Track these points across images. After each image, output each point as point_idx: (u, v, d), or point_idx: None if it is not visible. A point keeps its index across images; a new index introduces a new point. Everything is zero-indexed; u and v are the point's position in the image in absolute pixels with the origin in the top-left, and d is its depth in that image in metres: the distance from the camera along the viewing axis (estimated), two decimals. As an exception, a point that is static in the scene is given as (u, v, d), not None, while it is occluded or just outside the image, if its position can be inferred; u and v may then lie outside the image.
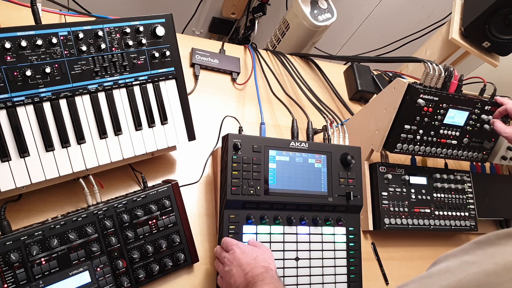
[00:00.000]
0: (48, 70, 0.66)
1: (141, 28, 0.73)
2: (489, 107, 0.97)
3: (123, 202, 0.71)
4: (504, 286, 0.33)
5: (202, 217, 0.86)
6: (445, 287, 0.37)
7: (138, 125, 0.76)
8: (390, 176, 0.98)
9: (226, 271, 0.70)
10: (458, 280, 0.36)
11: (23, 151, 0.66)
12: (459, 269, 0.37)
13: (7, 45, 0.62)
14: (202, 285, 0.80)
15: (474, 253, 0.38)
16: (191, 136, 0.81)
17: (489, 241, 0.37)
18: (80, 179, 0.73)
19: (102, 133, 0.72)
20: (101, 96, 0.72)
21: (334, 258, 0.86)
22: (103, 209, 0.70)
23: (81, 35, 0.68)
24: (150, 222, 0.74)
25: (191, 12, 1.67)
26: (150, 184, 0.82)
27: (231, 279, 0.68)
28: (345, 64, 1.44)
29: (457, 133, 0.97)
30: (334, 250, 0.86)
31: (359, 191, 0.89)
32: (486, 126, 0.98)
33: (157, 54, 0.75)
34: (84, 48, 0.68)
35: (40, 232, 0.64)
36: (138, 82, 0.75)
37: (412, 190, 1.00)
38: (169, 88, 0.79)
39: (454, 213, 1.04)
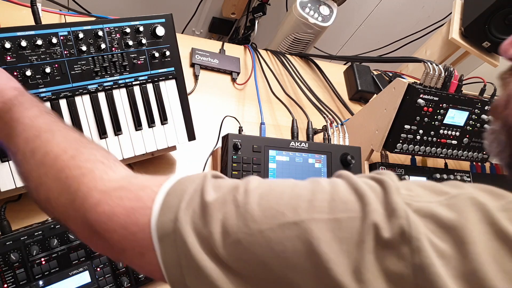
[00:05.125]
0: (48, 70, 0.66)
1: (141, 28, 0.73)
2: (489, 107, 0.97)
3: (123, 202, 0.71)
4: None
5: (202, 217, 0.86)
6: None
7: (138, 125, 0.76)
8: (390, 176, 0.98)
9: None
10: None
11: (23, 151, 0.65)
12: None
13: (7, 45, 0.62)
14: (202, 285, 0.80)
15: None
16: (191, 136, 0.81)
17: None
18: (80, 179, 0.73)
19: (102, 133, 0.72)
20: (101, 96, 0.72)
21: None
22: (103, 209, 0.69)
23: (81, 35, 0.68)
24: (150, 222, 0.73)
25: (191, 12, 1.66)
26: (150, 184, 0.82)
27: None
28: (345, 64, 1.44)
29: (457, 133, 0.97)
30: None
31: (359, 191, 0.88)
32: (487, 126, 0.98)
33: (157, 54, 0.75)
34: (84, 48, 0.68)
35: (40, 232, 0.64)
36: (138, 82, 0.75)
37: (412, 190, 1.00)
38: (169, 88, 0.79)
39: (454, 213, 1.04)
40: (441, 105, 0.92)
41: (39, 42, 0.64)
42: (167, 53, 0.76)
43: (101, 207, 0.38)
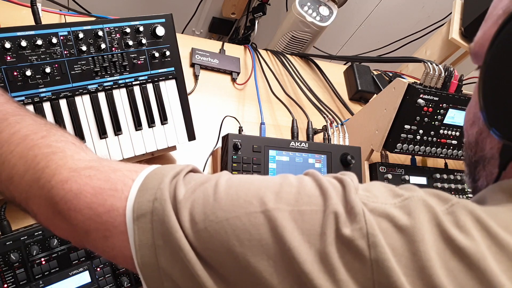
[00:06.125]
0: (48, 70, 0.66)
1: (141, 28, 0.73)
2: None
3: (123, 202, 0.71)
4: None
5: (202, 217, 0.86)
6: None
7: (138, 125, 0.76)
8: (390, 176, 0.98)
9: None
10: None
11: (23, 151, 0.65)
12: None
13: (7, 45, 0.62)
14: (202, 285, 0.80)
15: None
16: (191, 136, 0.81)
17: None
18: (80, 179, 0.73)
19: (102, 133, 0.72)
20: (101, 96, 0.72)
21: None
22: (103, 209, 0.69)
23: (81, 35, 0.68)
24: (150, 222, 0.73)
25: (191, 12, 1.66)
26: (150, 184, 0.82)
27: None
28: (345, 64, 1.44)
29: (457, 133, 0.97)
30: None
31: (359, 191, 0.88)
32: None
33: (157, 54, 0.75)
34: (84, 48, 0.68)
35: (40, 232, 0.64)
36: (138, 82, 0.75)
37: (412, 190, 1.00)
38: (169, 88, 0.79)
39: (454, 213, 1.03)
40: (441, 105, 0.92)
41: (39, 42, 0.64)
42: (167, 53, 0.76)
43: (68, 185, 0.37)
